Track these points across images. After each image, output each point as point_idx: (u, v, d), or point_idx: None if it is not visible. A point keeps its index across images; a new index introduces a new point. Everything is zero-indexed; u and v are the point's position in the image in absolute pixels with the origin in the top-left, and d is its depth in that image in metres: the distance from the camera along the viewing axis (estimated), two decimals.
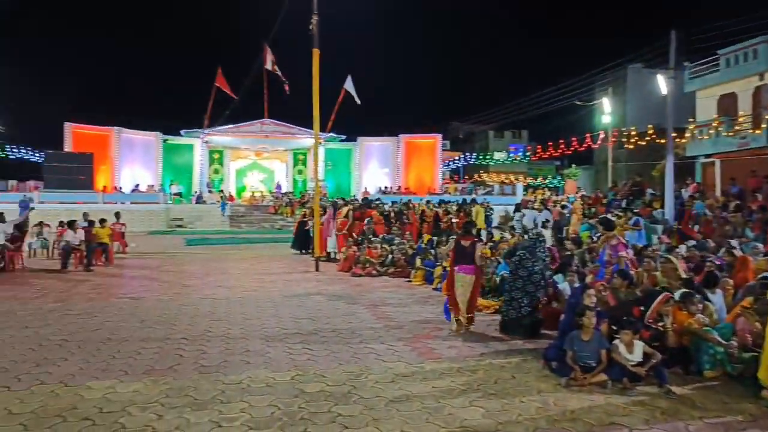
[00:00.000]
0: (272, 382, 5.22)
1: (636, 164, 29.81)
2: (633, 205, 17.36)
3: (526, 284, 7.16)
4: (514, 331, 7.09)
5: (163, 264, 14.17)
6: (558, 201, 22.77)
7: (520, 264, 7.29)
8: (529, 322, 7.06)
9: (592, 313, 5.51)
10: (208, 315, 8.10)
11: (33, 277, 11.69)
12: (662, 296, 5.98)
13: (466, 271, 7.35)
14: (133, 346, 6.35)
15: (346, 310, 8.62)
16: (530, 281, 7.17)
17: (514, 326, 7.12)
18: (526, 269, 7.21)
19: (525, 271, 7.21)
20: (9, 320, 7.60)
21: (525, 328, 7.04)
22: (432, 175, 34.50)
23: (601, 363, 5.28)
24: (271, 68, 29.22)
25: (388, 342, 6.68)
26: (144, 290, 10.27)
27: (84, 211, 17.46)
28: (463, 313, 7.27)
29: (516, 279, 7.28)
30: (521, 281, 7.20)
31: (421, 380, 5.32)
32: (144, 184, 30.67)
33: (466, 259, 7.36)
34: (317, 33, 13.34)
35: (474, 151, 49.98)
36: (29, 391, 4.92)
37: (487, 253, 8.26)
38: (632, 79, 34.18)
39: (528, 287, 7.14)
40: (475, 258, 7.35)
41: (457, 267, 7.43)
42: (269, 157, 36.60)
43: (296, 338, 6.82)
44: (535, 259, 7.27)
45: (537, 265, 7.24)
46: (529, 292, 7.13)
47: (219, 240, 21.45)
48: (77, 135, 29.55)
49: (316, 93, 13.47)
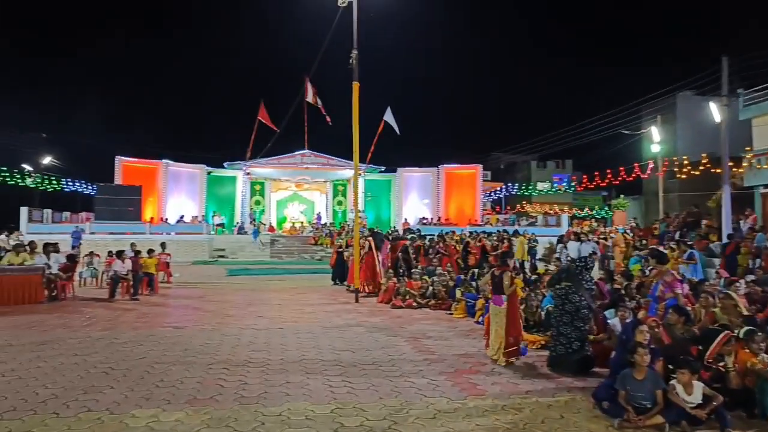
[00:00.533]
0: (312, 415, 5.14)
1: (689, 194, 28.89)
2: (687, 238, 16.72)
3: (574, 319, 6.90)
4: (562, 368, 6.80)
5: (205, 294, 14.38)
6: (605, 233, 22.17)
7: (567, 298, 7.02)
8: (578, 358, 6.77)
9: (645, 350, 5.24)
10: (249, 345, 8.11)
11: (82, 305, 12.00)
12: (723, 335, 5.65)
13: (496, 302, 7.32)
14: (175, 375, 6.39)
15: (386, 342, 8.49)
16: (578, 316, 6.90)
17: (562, 362, 6.85)
18: (573, 304, 6.94)
19: (572, 305, 6.95)
20: (59, 347, 7.78)
21: (574, 365, 6.75)
22: (473, 206, 34.23)
23: (656, 404, 5.00)
24: (312, 101, 29.84)
25: (429, 376, 6.52)
26: (187, 320, 10.40)
27: (132, 241, 17.99)
28: (493, 347, 7.15)
29: (563, 314, 6.99)
30: (569, 316, 6.93)
31: (464, 417, 5.14)
32: (188, 215, 31.46)
33: (498, 289, 7.31)
34: (357, 67, 13.57)
35: (515, 182, 49.50)
36: (76, 418, 4.98)
37: (519, 283, 8.03)
38: (682, 107, 33.43)
39: (576, 322, 6.88)
40: (503, 287, 7.20)
41: (492, 298, 7.37)
42: (309, 189, 37.11)
43: (336, 370, 6.73)
44: (582, 291, 6.98)
45: (584, 298, 6.97)
46: (577, 327, 6.87)
47: (260, 270, 21.69)
48: (127, 168, 30.69)
49: (355, 125, 13.63)
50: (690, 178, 27.66)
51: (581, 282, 7.09)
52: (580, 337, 6.84)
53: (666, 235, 18.29)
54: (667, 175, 30.42)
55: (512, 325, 7.23)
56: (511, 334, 7.20)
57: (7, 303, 11.53)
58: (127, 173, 30.41)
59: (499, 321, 7.22)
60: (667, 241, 16.51)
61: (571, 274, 7.23)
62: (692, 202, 24.21)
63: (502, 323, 7.19)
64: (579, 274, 7.16)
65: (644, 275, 11.01)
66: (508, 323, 7.19)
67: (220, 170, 34.36)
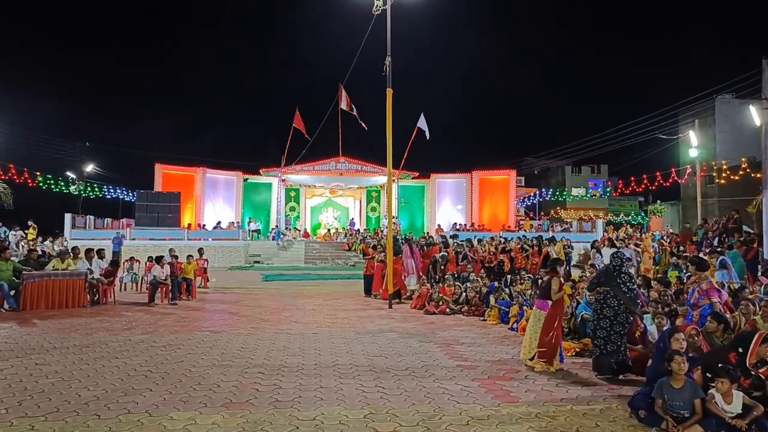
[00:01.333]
0: (345, 420, 5.19)
1: (728, 200, 28.09)
2: (727, 244, 16.25)
3: (613, 324, 6.85)
4: (602, 370, 6.85)
5: (241, 299, 14.62)
6: (641, 239, 21.67)
7: (605, 302, 6.94)
8: (614, 360, 6.79)
9: (682, 358, 5.13)
10: (284, 350, 8.22)
11: (123, 309, 12.35)
12: (758, 335, 5.49)
13: (539, 306, 7.43)
14: (212, 379, 6.53)
15: (419, 348, 8.50)
16: (617, 321, 6.84)
17: (602, 364, 6.87)
18: (612, 308, 6.86)
19: (611, 310, 6.87)
20: (101, 350, 8.04)
21: (610, 366, 6.79)
22: (506, 212, 33.94)
23: (695, 414, 4.88)
24: (347, 108, 30.14)
25: (462, 382, 6.51)
26: (223, 324, 10.60)
27: (170, 247, 18.46)
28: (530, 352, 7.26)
29: (601, 318, 6.93)
30: (607, 321, 6.86)
31: (498, 424, 5.12)
32: (225, 221, 32.07)
33: (543, 293, 7.44)
34: (390, 74, 13.67)
35: (549, 187, 48.88)
36: (117, 419, 5.14)
37: (568, 290, 7.97)
38: (721, 111, 32.58)
39: (615, 327, 6.84)
40: (550, 292, 7.25)
41: (536, 302, 7.50)
42: (343, 195, 37.39)
43: (369, 375, 6.78)
44: (620, 295, 6.87)
45: (623, 302, 6.85)
46: (617, 331, 6.83)
47: (294, 276, 21.93)
48: (166, 175, 31.50)
49: (389, 131, 13.72)
50: (729, 183, 26.91)
51: (620, 286, 6.94)
52: (617, 340, 6.79)
53: (705, 241, 17.80)
54: (705, 180, 29.64)
55: (550, 330, 7.22)
56: (546, 338, 7.18)
57: (52, 307, 11.96)
58: (166, 180, 31.21)
59: (538, 326, 7.28)
60: (706, 248, 16.08)
61: (609, 277, 7.10)
62: (731, 208, 23.53)
63: (539, 328, 7.25)
64: (617, 278, 7.00)
65: (681, 282, 10.76)
66: (547, 328, 7.20)
67: (256, 177, 34.93)
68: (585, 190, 47.51)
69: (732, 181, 26.44)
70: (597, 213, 49.55)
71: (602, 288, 7.10)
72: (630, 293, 6.96)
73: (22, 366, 7.03)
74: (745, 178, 25.08)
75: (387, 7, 13.90)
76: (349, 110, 30.38)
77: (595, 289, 7.32)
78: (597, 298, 7.18)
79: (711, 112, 32.99)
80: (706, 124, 31.78)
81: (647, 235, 23.35)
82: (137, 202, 29.36)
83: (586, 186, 49.90)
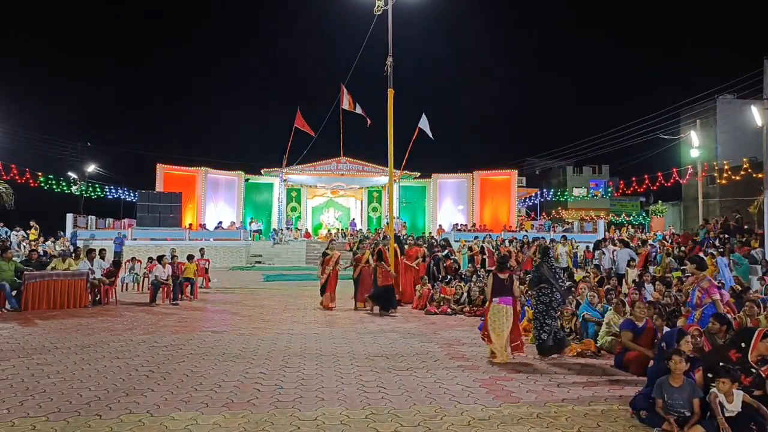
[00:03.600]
0: (346, 420, 5.19)
1: (729, 200, 28.08)
2: (728, 244, 16.25)
3: (549, 310, 7.96)
4: (546, 352, 7.85)
5: (243, 299, 14.64)
6: (643, 239, 21.68)
7: (540, 296, 8.05)
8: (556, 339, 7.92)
9: (681, 357, 5.12)
10: (285, 350, 8.22)
11: (125, 309, 12.37)
12: (759, 331, 5.47)
13: (507, 303, 7.85)
14: (214, 379, 6.53)
15: (420, 348, 8.50)
16: (551, 307, 7.97)
17: (546, 348, 7.87)
18: (545, 301, 7.97)
19: (546, 299, 7.97)
20: (103, 351, 8.04)
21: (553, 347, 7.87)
22: (508, 212, 33.94)
23: (694, 413, 4.88)
24: (349, 107, 30.10)
25: (464, 383, 6.50)
26: (225, 324, 10.60)
27: (172, 247, 18.49)
28: (502, 344, 7.71)
29: (538, 310, 8.08)
30: (543, 307, 7.99)
31: (499, 425, 5.12)
32: (227, 221, 32.09)
33: (506, 291, 7.88)
34: (392, 74, 13.68)
35: (551, 188, 48.86)
36: (118, 419, 5.14)
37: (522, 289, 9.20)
38: (723, 111, 32.55)
39: (551, 312, 7.96)
40: (513, 290, 7.91)
41: (497, 299, 7.85)
42: (345, 195, 37.40)
43: (370, 376, 6.78)
44: (556, 287, 7.99)
45: (555, 292, 7.97)
46: (552, 316, 7.96)
47: (295, 276, 21.94)
48: (168, 176, 31.51)
49: (390, 132, 13.75)
50: (730, 183, 26.88)
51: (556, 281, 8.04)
52: (551, 323, 7.89)
53: (706, 241, 17.80)
54: (706, 180, 29.63)
55: (518, 323, 8.08)
56: (516, 331, 7.93)
57: (54, 307, 11.98)
58: (167, 180, 31.22)
59: (507, 321, 7.77)
60: (707, 248, 16.08)
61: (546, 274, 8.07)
62: (733, 208, 23.53)
63: (509, 323, 7.79)
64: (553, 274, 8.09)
65: (682, 283, 10.77)
66: (516, 321, 7.97)
67: (257, 177, 34.95)
68: (586, 190, 47.52)
69: (733, 181, 26.42)
70: (598, 213, 49.56)
71: (542, 284, 8.05)
72: (563, 285, 8.34)
73: (23, 366, 7.04)
74: (746, 179, 25.06)
75: (388, 8, 13.91)
76: (351, 109, 30.31)
77: (537, 285, 8.16)
78: (535, 293, 8.31)
79: (712, 113, 32.95)
80: (707, 125, 31.75)
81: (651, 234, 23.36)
82: (139, 202, 29.40)
83: (588, 186, 49.91)
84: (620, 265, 14.96)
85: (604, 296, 9.85)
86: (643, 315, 7.51)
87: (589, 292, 9.62)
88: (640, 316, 7.49)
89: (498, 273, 7.98)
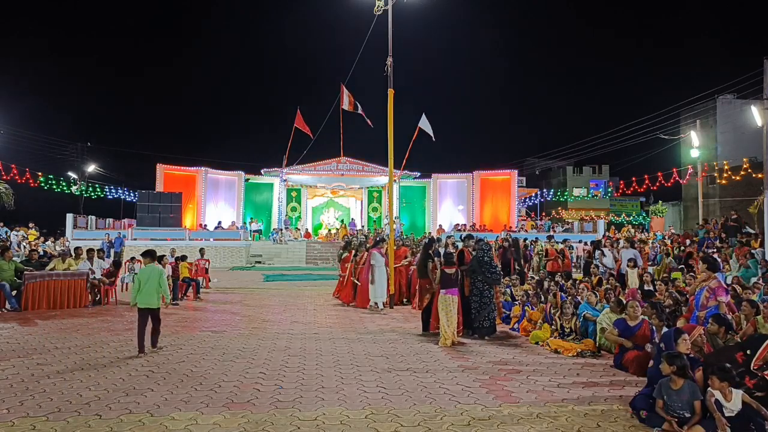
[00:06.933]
0: (346, 420, 5.19)
1: (729, 200, 28.09)
2: (728, 244, 16.24)
3: (482, 298, 9.37)
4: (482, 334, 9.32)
5: (243, 299, 14.63)
6: (645, 239, 21.68)
7: (474, 286, 9.44)
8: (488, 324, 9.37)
9: (670, 367, 5.12)
10: (285, 350, 8.23)
11: (125, 309, 12.36)
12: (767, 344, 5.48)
13: (453, 293, 8.89)
14: (214, 379, 6.53)
15: (420, 348, 8.50)
16: (484, 295, 9.40)
17: (481, 331, 9.34)
18: (479, 289, 9.41)
19: (478, 290, 9.42)
20: (103, 350, 8.05)
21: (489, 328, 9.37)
22: (508, 212, 33.94)
23: (695, 414, 4.88)
24: (349, 107, 30.08)
25: (464, 383, 6.50)
26: (225, 324, 10.60)
27: (172, 247, 18.48)
28: (453, 328, 8.77)
29: (473, 299, 9.40)
30: (477, 298, 9.39)
31: (499, 425, 5.12)
32: (226, 221, 32.09)
33: (452, 284, 8.94)
34: (392, 74, 13.67)
35: (551, 188, 48.87)
36: (118, 419, 5.14)
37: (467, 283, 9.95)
38: (723, 111, 32.54)
39: (484, 300, 9.39)
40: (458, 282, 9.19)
41: (444, 291, 8.85)
42: (345, 195, 37.40)
43: (370, 376, 6.78)
44: (488, 276, 9.39)
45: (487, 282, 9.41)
46: (485, 303, 9.37)
47: (295, 276, 21.94)
48: (168, 176, 31.49)
49: (390, 132, 13.73)
50: (730, 183, 26.89)
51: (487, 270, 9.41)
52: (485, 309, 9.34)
53: (705, 242, 17.79)
54: (706, 180, 29.64)
55: (460, 311, 9.25)
56: (460, 318, 9.25)
57: (54, 307, 11.98)
58: (168, 180, 31.20)
59: (454, 309, 8.81)
60: (707, 248, 16.07)
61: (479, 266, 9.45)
62: (733, 208, 23.52)
63: (456, 311, 8.87)
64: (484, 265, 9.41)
65: (685, 285, 10.76)
66: (460, 309, 9.19)
67: (257, 177, 34.95)
68: (586, 190, 47.50)
69: (733, 181, 26.43)
70: (598, 213, 49.56)
71: (474, 275, 9.42)
72: (494, 274, 9.57)
73: (23, 366, 7.04)
74: (746, 179, 25.07)
75: (388, 8, 13.90)
76: (352, 109, 30.30)
77: (472, 275, 9.47)
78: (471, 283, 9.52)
79: (712, 113, 32.94)
80: (707, 125, 31.72)
81: (651, 234, 23.35)
82: (138, 202, 29.38)
83: (588, 186, 49.87)
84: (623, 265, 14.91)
85: (604, 296, 9.85)
86: (636, 315, 7.52)
87: (589, 292, 9.62)
88: (634, 316, 7.51)
89: (445, 268, 8.95)
